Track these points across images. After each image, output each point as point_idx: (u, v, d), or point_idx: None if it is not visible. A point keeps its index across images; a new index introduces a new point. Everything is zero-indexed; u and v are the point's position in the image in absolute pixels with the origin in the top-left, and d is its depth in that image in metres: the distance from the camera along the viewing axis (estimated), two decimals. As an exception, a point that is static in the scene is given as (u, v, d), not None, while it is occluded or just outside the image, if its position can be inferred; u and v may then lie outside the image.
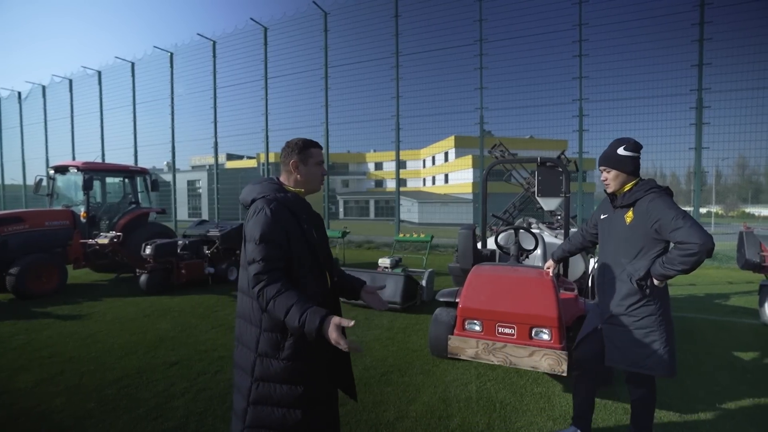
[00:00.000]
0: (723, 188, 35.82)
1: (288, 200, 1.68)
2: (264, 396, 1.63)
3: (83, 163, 7.64)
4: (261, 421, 1.63)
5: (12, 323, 5.03)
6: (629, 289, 2.23)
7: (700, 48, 9.66)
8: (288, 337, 1.62)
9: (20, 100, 21.45)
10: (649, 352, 2.18)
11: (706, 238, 2.00)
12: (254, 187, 1.74)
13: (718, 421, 2.81)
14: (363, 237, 13.57)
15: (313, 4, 13.22)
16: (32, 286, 6.29)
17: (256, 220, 1.60)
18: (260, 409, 1.63)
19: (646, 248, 2.20)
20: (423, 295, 5.83)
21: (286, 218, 1.63)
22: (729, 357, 4.02)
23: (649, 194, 2.19)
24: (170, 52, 16.27)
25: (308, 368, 1.65)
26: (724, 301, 6.29)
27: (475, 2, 11.51)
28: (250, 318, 1.69)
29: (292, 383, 1.62)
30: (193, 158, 44.62)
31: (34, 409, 2.95)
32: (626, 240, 2.26)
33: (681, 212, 2.09)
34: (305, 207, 1.77)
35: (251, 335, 1.67)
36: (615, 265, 2.32)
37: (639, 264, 2.20)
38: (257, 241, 1.57)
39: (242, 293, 1.74)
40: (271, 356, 1.62)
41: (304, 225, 1.68)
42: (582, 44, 10.50)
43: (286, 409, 1.62)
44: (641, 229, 2.20)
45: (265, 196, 1.67)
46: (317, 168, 1.81)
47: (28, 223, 6.69)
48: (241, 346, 1.73)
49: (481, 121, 11.59)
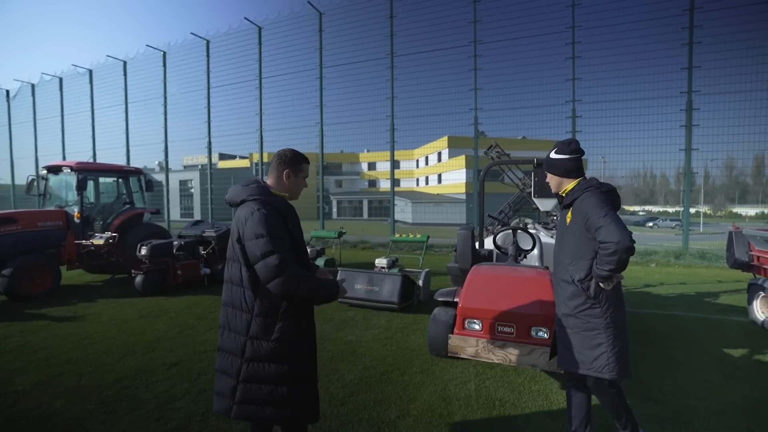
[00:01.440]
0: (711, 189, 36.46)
1: (276, 202, 1.86)
2: (253, 374, 1.81)
3: (77, 163, 7.56)
4: (250, 397, 1.82)
5: (6, 325, 4.97)
6: (574, 290, 2.22)
7: (689, 51, 9.85)
8: (278, 321, 1.82)
9: (8, 98, 21.11)
10: (597, 354, 2.15)
11: (621, 237, 1.96)
12: (244, 188, 1.89)
13: (710, 416, 2.89)
14: (357, 237, 13.58)
15: (308, 4, 13.21)
16: (25, 288, 6.22)
17: (257, 218, 1.75)
18: (249, 386, 1.82)
19: (583, 248, 2.19)
20: (420, 295, 5.88)
21: (279, 219, 1.82)
22: (719, 354, 4.12)
23: (584, 193, 2.19)
24: (163, 51, 16.15)
25: (294, 349, 1.86)
26: (714, 300, 6.42)
27: (470, 4, 11.61)
28: (241, 306, 1.85)
29: (280, 362, 1.82)
30: (185, 158, 44.26)
31: (35, 410, 2.93)
32: (567, 240, 2.27)
33: (605, 210, 2.06)
34: (290, 209, 1.93)
35: (241, 321, 1.84)
36: (561, 266, 2.32)
37: (580, 264, 2.20)
38: (266, 237, 1.72)
39: (232, 284, 1.89)
40: (261, 338, 1.81)
41: (289, 225, 1.87)
42: (575, 46, 10.65)
43: (273, 386, 1.81)
44: (578, 229, 2.19)
45: (257, 198, 1.82)
46: (303, 182, 2.04)
47: (21, 224, 6.61)
48: (229, 331, 1.90)
49: (476, 121, 11.68)
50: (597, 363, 2.16)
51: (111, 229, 7.32)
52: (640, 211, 46.74)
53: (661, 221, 37.55)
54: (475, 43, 11.60)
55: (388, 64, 12.54)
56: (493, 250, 4.22)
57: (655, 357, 3.98)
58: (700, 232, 25.74)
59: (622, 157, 10.96)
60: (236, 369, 1.83)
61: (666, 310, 5.79)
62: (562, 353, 2.31)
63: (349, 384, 3.36)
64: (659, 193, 46.62)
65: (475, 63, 11.56)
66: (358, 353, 4.05)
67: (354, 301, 5.67)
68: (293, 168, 1.97)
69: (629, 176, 14.47)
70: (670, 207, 43.92)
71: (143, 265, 6.59)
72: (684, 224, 10.75)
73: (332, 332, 4.71)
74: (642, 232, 26.93)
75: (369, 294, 5.56)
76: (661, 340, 4.50)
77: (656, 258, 10.09)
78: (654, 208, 48.06)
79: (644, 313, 5.62)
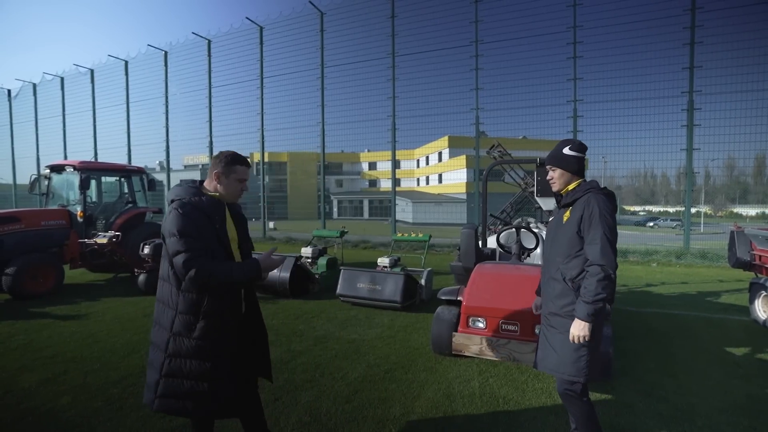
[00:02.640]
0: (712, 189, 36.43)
1: (201, 203, 1.91)
2: (175, 369, 1.88)
3: (80, 162, 7.58)
4: (172, 391, 1.89)
5: (10, 323, 4.99)
6: (563, 288, 2.20)
7: (691, 51, 9.87)
8: (200, 320, 1.88)
9: (10, 98, 21.14)
10: (577, 357, 2.11)
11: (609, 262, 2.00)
12: (175, 189, 1.99)
13: (712, 414, 2.91)
14: (359, 237, 13.59)
15: (310, 4, 13.24)
16: (29, 287, 6.24)
17: (170, 219, 1.85)
18: (171, 381, 1.89)
19: (578, 247, 2.16)
20: (422, 294, 5.89)
21: (196, 217, 1.86)
22: (721, 352, 4.14)
23: (586, 194, 2.18)
24: (165, 50, 16.18)
25: (215, 347, 1.91)
26: (716, 299, 6.44)
27: (471, 4, 11.62)
28: (168, 302, 1.93)
29: (201, 359, 1.88)
30: (186, 157, 44.24)
31: (41, 408, 2.95)
32: (562, 239, 2.25)
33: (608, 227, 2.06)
34: (219, 209, 1.98)
35: (167, 317, 1.91)
36: (552, 264, 2.30)
37: (573, 263, 2.17)
38: (177, 236, 1.80)
39: (163, 280, 1.98)
40: (184, 335, 1.88)
41: (216, 224, 1.92)
42: (576, 46, 10.66)
43: (195, 381, 1.88)
44: (576, 229, 2.16)
45: (182, 199, 1.91)
46: (237, 184, 2.04)
47: (24, 223, 6.63)
48: (158, 326, 1.97)
49: (477, 121, 11.70)
50: (575, 366, 2.10)
51: (113, 228, 7.33)
52: (641, 211, 46.71)
53: (662, 221, 37.53)
54: (477, 43, 11.62)
55: (389, 64, 12.56)
56: (496, 249, 4.23)
57: (656, 356, 4.00)
58: (701, 232, 25.73)
59: (622, 157, 11.00)
60: (159, 363, 1.90)
61: (667, 309, 5.81)
62: (540, 352, 2.28)
63: (353, 382, 3.38)
64: (660, 193, 46.60)
65: (476, 63, 11.58)
66: (362, 351, 4.07)
67: (357, 300, 5.69)
68: (224, 169, 1.98)
69: (630, 176, 14.49)
70: (670, 207, 43.91)
71: (146, 264, 6.61)
72: (686, 224, 10.77)
73: (335, 331, 4.72)
74: (643, 232, 26.87)
75: (371, 293, 5.57)
76: (663, 338, 4.52)
77: (657, 258, 10.11)
78: (654, 208, 48.03)
79: (646, 312, 5.64)
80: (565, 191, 2.33)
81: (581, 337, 2.02)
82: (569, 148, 2.28)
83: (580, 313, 2.03)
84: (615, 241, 2.10)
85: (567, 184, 2.32)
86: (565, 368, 2.13)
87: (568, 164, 2.28)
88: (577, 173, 2.30)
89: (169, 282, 1.92)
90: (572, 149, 2.28)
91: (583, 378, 2.10)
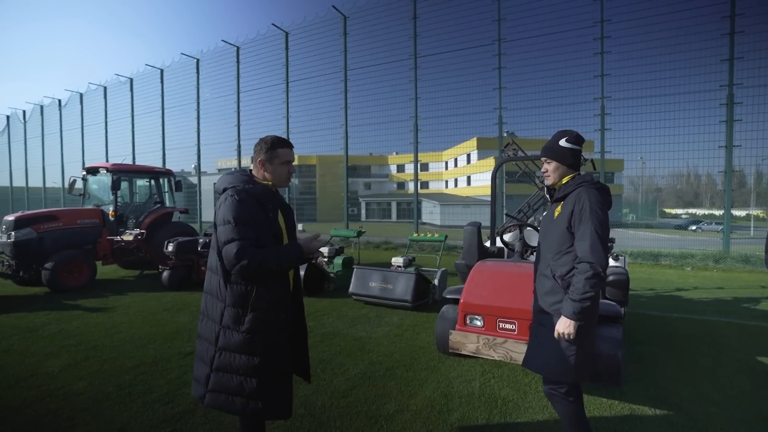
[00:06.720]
0: (765, 190, 33.85)
1: (255, 191, 1.87)
2: (225, 364, 1.83)
3: (112, 164, 8.05)
4: (221, 386, 1.84)
5: (45, 314, 5.36)
6: (552, 285, 2.12)
7: (731, 42, 9.26)
8: (248, 312, 1.82)
9: (60, 107, 22.73)
10: (566, 356, 2.03)
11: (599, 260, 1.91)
12: (227, 177, 1.95)
13: (731, 425, 2.70)
14: (382, 238, 13.63)
15: (333, 9, 13.45)
16: (65, 281, 6.68)
17: (226, 206, 1.79)
18: (221, 375, 1.84)
19: (568, 242, 2.08)
20: (435, 294, 5.83)
21: (251, 205, 1.82)
22: (751, 361, 3.84)
23: (578, 188, 2.09)
24: (196, 58, 16.89)
25: (265, 341, 1.84)
26: (754, 305, 5.99)
27: (494, 2, 11.44)
28: (217, 294, 1.88)
29: (250, 354, 1.81)
30: (219, 161, 45.87)
31: (59, 390, 3.15)
32: (552, 234, 2.16)
33: (600, 223, 1.97)
34: (272, 197, 1.95)
35: (216, 309, 1.87)
36: (543, 261, 2.22)
37: (562, 260, 2.09)
38: (232, 223, 1.76)
39: (211, 272, 1.94)
40: (233, 328, 1.82)
41: (269, 213, 1.88)
42: (603, 41, 10.25)
43: (244, 377, 1.81)
44: (566, 225, 2.09)
45: (235, 186, 1.87)
46: (283, 167, 1.98)
47: (62, 221, 7.11)
48: (207, 319, 1.93)
49: (500, 121, 11.48)
50: (562, 366, 2.03)
51: (142, 227, 7.73)
52: (683, 214, 44.11)
53: (706, 224, 35.29)
54: (500, 41, 11.41)
55: (412, 65, 12.55)
56: (503, 248, 4.14)
57: (676, 362, 3.77)
58: (751, 236, 23.96)
59: (659, 155, 10.35)
60: (210, 357, 1.86)
61: (696, 314, 5.46)
62: (529, 350, 2.20)
63: (352, 378, 3.39)
64: (704, 195, 43.84)
65: (499, 61, 11.37)
66: (366, 349, 4.08)
67: (368, 298, 5.70)
68: (267, 155, 1.94)
69: (671, 176, 13.57)
70: (716, 210, 41.21)
71: (170, 261, 6.91)
72: (725, 225, 10.09)
73: (344, 328, 4.76)
74: (683, 236, 25.42)
75: (383, 292, 5.58)
76: (686, 345, 4.25)
77: (693, 261, 9.53)
78: (699, 210, 45.22)
79: (671, 317, 5.32)
80: (559, 185, 2.24)
81: (566, 334, 1.95)
82: (566, 140, 2.18)
83: (567, 310, 1.95)
84: (606, 237, 2.00)
85: (561, 177, 2.22)
86: (552, 368, 2.06)
87: (563, 157, 2.18)
88: (572, 166, 2.21)
89: (217, 273, 1.87)
90: (569, 141, 2.18)
91: (569, 378, 2.01)
